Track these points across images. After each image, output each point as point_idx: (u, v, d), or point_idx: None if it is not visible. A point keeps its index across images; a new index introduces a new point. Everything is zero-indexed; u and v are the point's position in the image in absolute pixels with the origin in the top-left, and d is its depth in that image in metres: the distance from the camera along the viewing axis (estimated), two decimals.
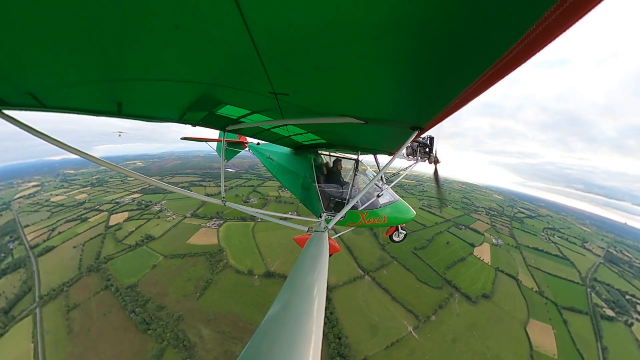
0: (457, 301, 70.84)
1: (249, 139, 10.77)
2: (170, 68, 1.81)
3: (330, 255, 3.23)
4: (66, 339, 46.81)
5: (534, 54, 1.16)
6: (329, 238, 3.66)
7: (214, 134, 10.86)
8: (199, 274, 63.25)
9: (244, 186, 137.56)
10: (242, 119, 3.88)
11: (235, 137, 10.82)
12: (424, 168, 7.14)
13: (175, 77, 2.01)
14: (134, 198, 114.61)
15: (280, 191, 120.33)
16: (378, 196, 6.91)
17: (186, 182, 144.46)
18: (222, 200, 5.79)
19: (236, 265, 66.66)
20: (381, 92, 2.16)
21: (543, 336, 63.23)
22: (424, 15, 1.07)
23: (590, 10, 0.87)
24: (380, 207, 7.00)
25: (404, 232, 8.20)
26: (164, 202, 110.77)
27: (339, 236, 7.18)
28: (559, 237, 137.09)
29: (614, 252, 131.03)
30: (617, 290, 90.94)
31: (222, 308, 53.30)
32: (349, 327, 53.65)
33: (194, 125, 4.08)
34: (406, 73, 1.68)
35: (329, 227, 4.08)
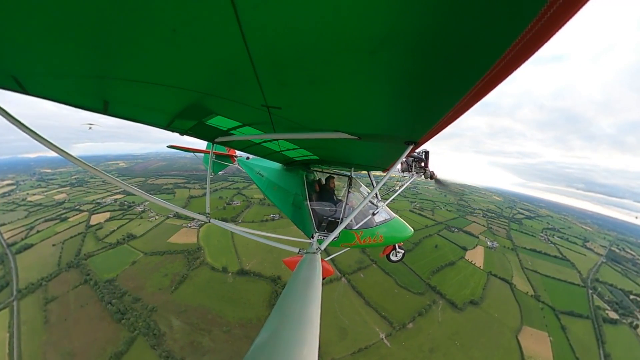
0: (441, 308, 69.80)
1: (239, 153, 10.79)
2: (163, 72, 1.85)
3: (323, 279, 3.22)
4: (42, 328, 51.25)
5: (527, 57, 1.20)
6: (322, 260, 3.63)
7: (202, 145, 10.68)
8: (176, 270, 68.04)
9: (229, 189, 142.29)
10: (232, 131, 3.91)
11: (224, 150, 10.79)
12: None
13: (167, 81, 2.04)
14: (117, 199, 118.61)
15: None
16: (373, 214, 6.87)
17: (171, 183, 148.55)
18: (207, 217, 5.64)
19: (212, 263, 71.90)
20: (375, 107, 2.23)
21: (537, 344, 61.30)
22: (417, 27, 1.11)
23: (580, 8, 0.90)
24: (376, 225, 6.94)
25: (402, 251, 8.13)
26: (147, 203, 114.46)
27: (332, 258, 7.16)
28: (558, 237, 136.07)
29: (617, 251, 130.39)
30: (621, 290, 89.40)
31: (194, 301, 58.39)
32: (319, 328, 58.24)
33: (182, 134, 4.09)
34: (400, 87, 1.78)
35: (322, 248, 4.08)
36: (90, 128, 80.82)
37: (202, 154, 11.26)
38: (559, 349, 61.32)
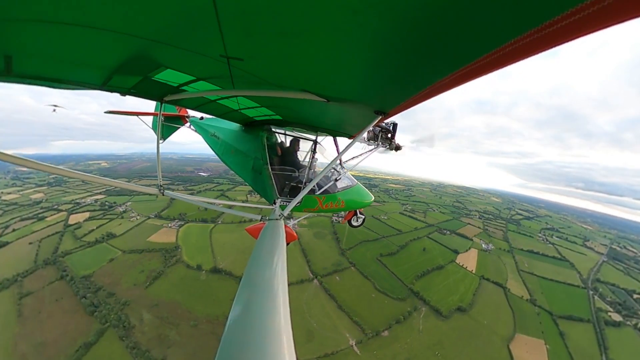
0: (423, 315, 67.36)
1: (191, 112, 10.27)
2: (92, 8, 1.44)
3: (287, 244, 3.31)
4: (15, 321, 55.07)
5: (520, 58, 1.17)
6: (285, 226, 3.73)
7: (149, 106, 9.89)
8: (153, 267, 71.99)
9: (213, 190, 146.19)
10: (184, 87, 3.61)
11: (174, 110, 10.16)
12: (415, 172, 9.30)
13: (98, 22, 1.60)
14: (97, 199, 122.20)
15: (248, 195, 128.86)
16: (336, 180, 7.25)
17: (154, 185, 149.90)
18: (160, 189, 5.48)
19: (188, 261, 76.10)
20: (349, 70, 2.18)
21: (532, 354, 58.80)
22: None
23: (583, 35, 0.90)
24: (338, 191, 7.28)
25: (363, 217, 8.82)
26: (129, 203, 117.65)
27: (295, 223, 8.82)
28: (557, 237, 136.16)
29: (618, 249, 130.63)
30: (623, 289, 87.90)
31: (166, 296, 62.85)
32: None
33: (123, 94, 3.67)
34: (380, 54, 1.73)
35: (285, 214, 4.12)
36: (54, 110, 74.09)
37: (149, 118, 10.53)
38: (556, 358, 58.70)
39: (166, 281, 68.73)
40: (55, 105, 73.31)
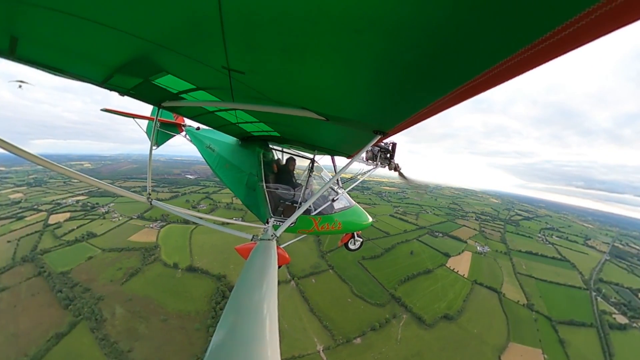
0: (403, 323, 64.63)
1: (188, 122, 10.70)
2: (103, 4, 1.54)
3: (279, 267, 3.31)
4: None
5: (520, 73, 1.21)
6: (278, 247, 3.74)
7: (145, 109, 10.37)
8: (131, 265, 76.13)
9: (199, 193, 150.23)
10: (183, 95, 3.75)
11: (171, 117, 10.52)
12: (411, 175, 7.62)
13: (106, 19, 1.70)
14: (79, 200, 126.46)
15: (234, 198, 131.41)
16: (333, 201, 7.30)
17: (139, 186, 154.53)
18: (148, 198, 5.48)
19: (166, 259, 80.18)
20: (350, 89, 2.30)
21: None
22: (414, 16, 1.10)
23: (588, 42, 0.92)
24: (335, 212, 7.36)
25: (361, 240, 9.00)
26: (111, 204, 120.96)
27: (288, 244, 7.53)
28: (557, 237, 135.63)
29: (620, 246, 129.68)
30: (628, 289, 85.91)
31: (140, 292, 67.28)
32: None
33: (122, 93, 3.79)
34: (380, 74, 1.82)
35: (277, 235, 4.07)
36: (20, 86, 68.11)
37: (144, 122, 10.86)
38: None
39: (142, 278, 73.45)
40: (21, 81, 66.49)
